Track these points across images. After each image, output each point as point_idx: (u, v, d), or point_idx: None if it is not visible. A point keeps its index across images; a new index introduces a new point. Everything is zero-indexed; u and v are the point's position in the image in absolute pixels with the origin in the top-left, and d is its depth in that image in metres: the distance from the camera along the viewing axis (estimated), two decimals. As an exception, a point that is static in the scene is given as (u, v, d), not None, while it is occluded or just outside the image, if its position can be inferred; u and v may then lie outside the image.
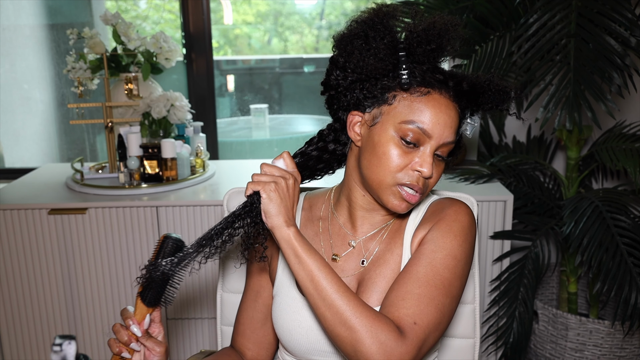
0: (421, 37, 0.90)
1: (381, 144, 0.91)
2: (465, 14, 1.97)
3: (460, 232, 0.94)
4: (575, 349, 1.96)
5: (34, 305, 1.88)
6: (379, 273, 0.98)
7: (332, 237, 1.04)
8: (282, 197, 0.88)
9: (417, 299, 0.87)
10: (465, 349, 1.19)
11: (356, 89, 0.95)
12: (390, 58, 0.90)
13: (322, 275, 0.85)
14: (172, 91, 2.08)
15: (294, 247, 0.86)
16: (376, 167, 0.92)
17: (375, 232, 1.02)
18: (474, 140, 2.21)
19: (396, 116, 0.91)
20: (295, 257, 0.86)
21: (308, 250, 0.87)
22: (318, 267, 0.86)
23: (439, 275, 0.89)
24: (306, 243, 0.87)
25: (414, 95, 0.90)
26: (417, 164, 0.90)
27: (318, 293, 0.85)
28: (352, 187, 1.00)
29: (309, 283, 0.86)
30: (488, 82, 0.93)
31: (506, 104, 0.95)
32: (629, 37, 1.67)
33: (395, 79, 0.91)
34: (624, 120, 2.08)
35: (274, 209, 0.87)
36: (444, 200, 1.01)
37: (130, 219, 1.82)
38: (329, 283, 0.85)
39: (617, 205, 1.79)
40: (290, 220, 0.88)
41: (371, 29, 0.91)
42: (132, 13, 2.84)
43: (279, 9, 3.08)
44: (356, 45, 0.91)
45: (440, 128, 0.90)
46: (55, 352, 0.77)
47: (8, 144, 2.73)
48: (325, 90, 1.00)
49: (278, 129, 2.95)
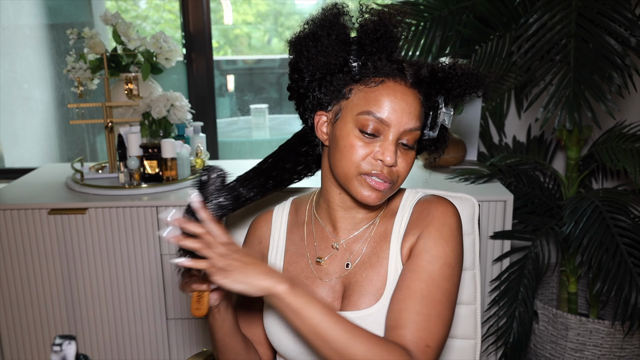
0: (369, 29, 0.91)
1: (342, 138, 0.92)
2: (465, 14, 1.97)
3: (450, 236, 0.94)
4: (575, 349, 1.96)
5: (34, 305, 1.88)
6: (366, 276, 0.98)
7: (316, 240, 1.04)
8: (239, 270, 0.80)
9: (427, 321, 0.87)
10: (466, 350, 1.19)
11: (315, 89, 0.95)
12: (340, 53, 0.91)
13: (328, 325, 0.81)
14: (172, 91, 2.08)
15: (288, 305, 0.81)
16: (340, 160, 0.92)
17: (359, 233, 1.01)
18: (474, 140, 2.21)
19: (354, 109, 0.91)
20: (294, 314, 0.81)
21: (305, 303, 0.81)
22: (322, 319, 0.81)
23: (440, 288, 0.90)
24: (302, 295, 0.81)
25: (369, 86, 0.91)
26: (378, 153, 0.90)
27: (327, 345, 0.81)
28: (328, 188, 1.00)
29: (313, 337, 0.82)
30: (452, 67, 0.94)
31: (476, 88, 0.95)
32: (629, 37, 1.67)
33: (348, 73, 0.92)
34: (624, 120, 2.08)
35: (247, 287, 0.80)
36: (429, 198, 1.00)
37: (130, 219, 1.82)
38: (336, 332, 0.81)
39: (617, 205, 1.79)
40: (270, 277, 0.80)
41: (320, 27, 0.92)
42: (132, 13, 2.84)
43: (279, 9, 3.08)
44: (305, 45, 0.92)
45: (398, 115, 0.89)
46: (55, 352, 0.77)
47: (8, 144, 2.73)
48: (290, 96, 1.01)
49: (278, 129, 2.95)
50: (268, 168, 1.04)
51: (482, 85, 0.96)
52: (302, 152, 1.05)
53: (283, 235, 1.06)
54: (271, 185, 1.03)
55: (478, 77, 0.95)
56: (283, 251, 1.05)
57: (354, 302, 0.96)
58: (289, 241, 1.06)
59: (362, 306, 0.95)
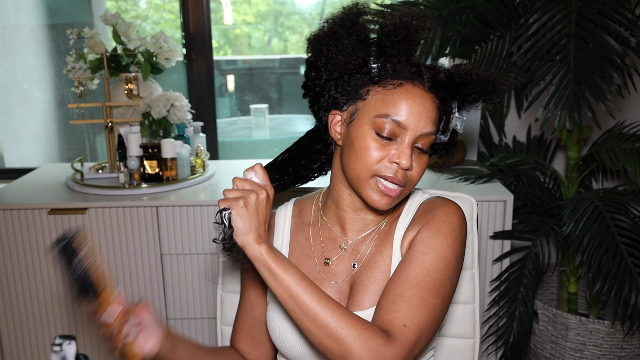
0: (390, 31, 0.91)
1: (358, 139, 0.91)
2: (465, 14, 1.97)
3: (450, 232, 0.93)
4: (575, 349, 1.96)
5: (34, 305, 1.88)
6: (370, 276, 0.98)
7: (323, 241, 1.03)
8: (252, 213, 0.84)
9: (407, 302, 0.86)
10: (465, 349, 1.19)
11: (331, 88, 0.95)
12: (359, 53, 0.91)
13: (301, 289, 0.83)
14: (172, 91, 2.08)
15: (267, 264, 0.84)
16: (354, 162, 0.92)
17: (366, 234, 1.01)
18: (474, 140, 2.21)
19: (371, 110, 0.91)
20: (270, 274, 0.84)
21: (282, 265, 0.84)
22: (295, 281, 0.83)
23: (430, 276, 0.89)
24: (280, 258, 0.85)
25: (387, 89, 0.91)
26: (394, 156, 0.90)
27: (299, 308, 0.83)
28: (338, 188, 1.00)
29: (288, 299, 0.83)
30: (468, 72, 0.94)
31: (491, 95, 0.95)
32: (629, 37, 1.67)
33: (367, 74, 0.92)
34: (624, 120, 2.08)
35: (243, 226, 0.83)
36: (434, 199, 1.00)
37: (130, 219, 1.82)
38: (309, 296, 0.83)
39: (617, 205, 1.79)
40: (260, 237, 0.84)
41: (340, 27, 0.92)
42: (132, 13, 2.84)
43: (279, 9, 3.08)
44: (325, 43, 0.92)
45: (415, 119, 0.89)
46: (55, 352, 0.77)
47: (8, 144, 2.73)
48: (305, 93, 1.01)
49: (278, 129, 2.95)
50: (285, 163, 1.04)
51: (497, 92, 0.96)
52: (317, 150, 1.05)
53: (287, 237, 1.06)
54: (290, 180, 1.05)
55: (494, 84, 0.95)
56: (287, 253, 1.05)
57: (358, 302, 0.96)
58: (293, 243, 1.06)
59: (365, 305, 0.96)
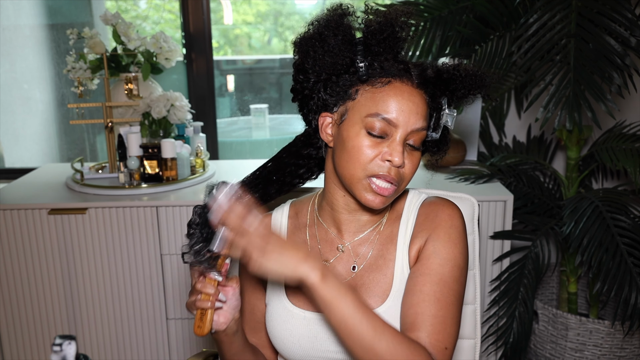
0: (375, 29, 0.91)
1: (350, 139, 0.91)
2: (465, 14, 1.97)
3: (458, 238, 0.95)
4: (575, 349, 1.96)
5: (34, 305, 1.88)
6: (372, 278, 0.98)
7: (320, 242, 1.03)
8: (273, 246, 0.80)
9: (443, 323, 0.89)
10: (466, 350, 1.19)
11: (320, 90, 0.95)
12: (346, 53, 0.91)
13: (356, 321, 0.81)
14: (172, 91, 2.08)
15: (319, 296, 0.81)
16: (347, 162, 0.92)
17: (364, 235, 1.01)
18: (474, 140, 2.21)
19: (361, 110, 0.91)
20: (324, 305, 0.82)
21: (336, 296, 0.81)
22: (351, 314, 0.81)
23: (452, 290, 0.92)
24: (332, 286, 0.81)
25: (376, 87, 0.91)
26: (387, 154, 0.90)
27: (353, 338, 0.82)
28: (332, 190, 0.99)
29: (342, 329, 0.82)
30: (456, 68, 0.94)
31: (479, 89, 0.96)
32: (629, 37, 1.67)
33: (355, 73, 0.92)
34: (624, 120, 2.08)
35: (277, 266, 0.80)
36: (434, 200, 1.00)
37: (130, 219, 1.82)
38: (364, 328, 0.81)
39: (617, 205, 1.79)
40: (300, 261, 0.80)
41: (325, 28, 0.92)
42: (132, 13, 2.84)
43: (279, 9, 3.08)
44: (312, 45, 0.92)
45: (405, 115, 0.89)
46: (55, 352, 0.77)
47: (8, 144, 2.73)
48: (294, 97, 1.01)
49: (278, 129, 2.95)
50: (269, 172, 1.04)
51: (485, 86, 0.96)
52: (305, 155, 1.04)
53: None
54: (274, 191, 1.03)
55: (481, 78, 0.95)
56: None
57: None
58: None
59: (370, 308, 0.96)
